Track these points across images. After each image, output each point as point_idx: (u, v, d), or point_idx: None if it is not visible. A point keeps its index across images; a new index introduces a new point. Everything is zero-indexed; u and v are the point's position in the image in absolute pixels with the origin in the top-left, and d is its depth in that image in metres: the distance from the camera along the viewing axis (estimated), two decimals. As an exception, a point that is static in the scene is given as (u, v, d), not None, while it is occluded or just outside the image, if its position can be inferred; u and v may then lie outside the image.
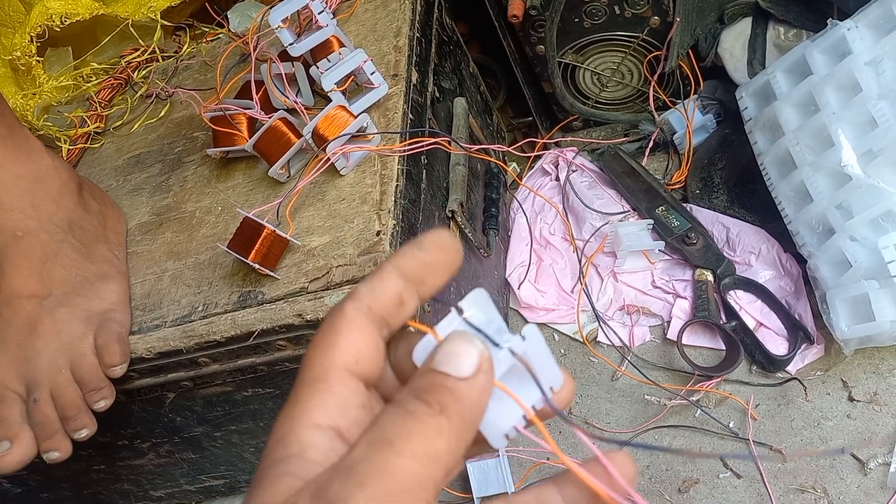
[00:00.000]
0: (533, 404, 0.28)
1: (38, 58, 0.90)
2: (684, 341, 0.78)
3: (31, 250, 0.65)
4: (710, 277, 0.82)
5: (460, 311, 0.29)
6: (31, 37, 0.88)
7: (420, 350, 0.29)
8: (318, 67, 0.69)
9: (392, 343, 0.31)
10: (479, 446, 0.29)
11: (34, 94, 0.90)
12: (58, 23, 0.88)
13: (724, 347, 0.79)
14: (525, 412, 0.28)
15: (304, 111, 0.70)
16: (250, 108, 0.71)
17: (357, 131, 0.66)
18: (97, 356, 0.62)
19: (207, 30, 0.96)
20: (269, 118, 0.68)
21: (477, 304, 0.29)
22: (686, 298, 0.83)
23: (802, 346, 0.76)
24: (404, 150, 0.66)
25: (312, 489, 0.24)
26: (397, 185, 0.64)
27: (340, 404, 0.27)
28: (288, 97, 0.71)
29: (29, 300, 0.64)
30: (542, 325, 0.89)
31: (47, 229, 0.66)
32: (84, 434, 0.63)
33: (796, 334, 0.76)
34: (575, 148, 0.99)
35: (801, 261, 0.77)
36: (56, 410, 0.62)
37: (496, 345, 0.27)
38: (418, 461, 0.24)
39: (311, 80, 0.73)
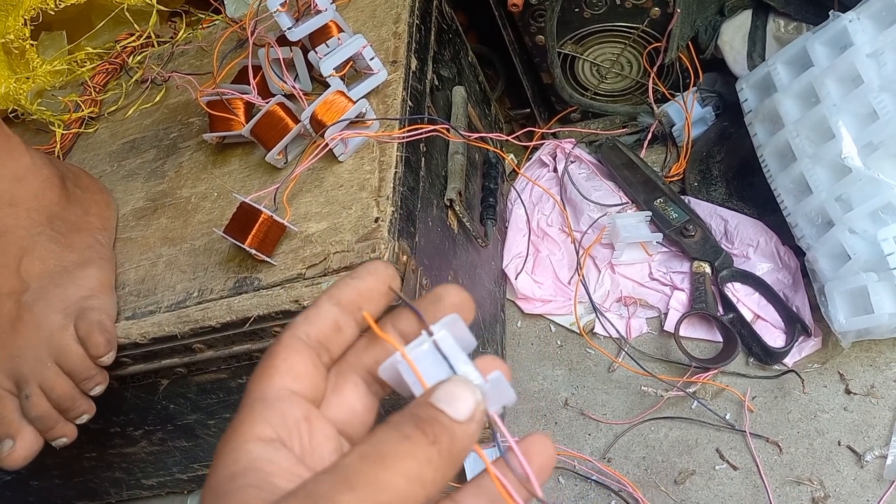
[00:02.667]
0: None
1: (31, 41, 0.89)
2: (681, 333, 0.78)
3: (7, 247, 0.64)
4: (708, 269, 0.81)
5: (430, 334, 0.30)
6: (25, 20, 0.87)
7: (387, 367, 0.30)
8: (316, 52, 0.68)
9: (363, 348, 0.33)
10: None
11: (28, 79, 0.89)
12: (52, 6, 0.87)
13: (721, 339, 0.79)
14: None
15: (302, 97, 0.69)
16: (247, 93, 0.71)
17: (356, 117, 0.65)
18: (82, 346, 0.62)
19: (204, 16, 0.95)
20: (267, 103, 0.67)
21: (448, 329, 0.30)
22: (683, 290, 0.82)
23: (800, 339, 0.75)
24: (403, 137, 0.65)
25: (297, 492, 0.25)
26: (396, 171, 0.63)
27: (281, 418, 0.28)
28: (286, 82, 0.70)
29: (8, 297, 0.63)
30: (538, 316, 0.88)
31: (24, 225, 0.66)
32: (85, 419, 0.63)
33: (794, 327, 0.76)
34: (573, 139, 0.98)
35: (800, 253, 0.77)
36: (51, 403, 0.61)
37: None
38: (407, 480, 0.25)
39: (310, 66, 0.72)
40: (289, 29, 0.67)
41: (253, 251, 0.60)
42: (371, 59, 0.68)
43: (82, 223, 0.69)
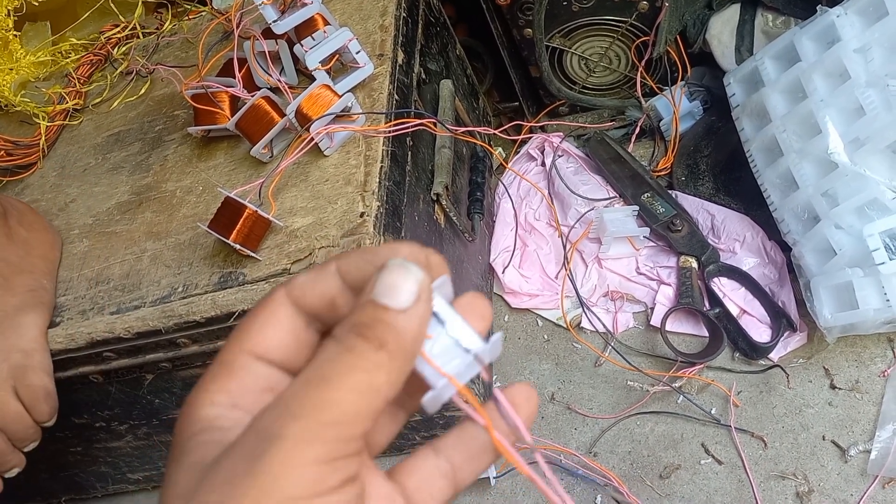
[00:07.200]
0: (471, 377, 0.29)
1: (15, 32, 0.88)
2: (668, 328, 0.78)
3: None
4: (695, 264, 0.81)
5: None
6: (9, 10, 0.86)
7: None
8: (302, 45, 0.67)
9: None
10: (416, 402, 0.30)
11: (11, 70, 0.88)
12: (36, -4, 0.86)
13: (707, 334, 0.79)
14: (467, 401, 0.28)
15: (288, 90, 0.68)
16: (233, 87, 0.70)
17: (341, 111, 0.65)
18: (27, 411, 0.61)
19: (189, 7, 0.94)
20: (252, 96, 0.67)
21: (439, 292, 0.29)
22: (670, 285, 0.82)
23: (785, 334, 0.76)
24: (389, 131, 0.65)
25: (246, 430, 0.25)
26: (382, 166, 0.63)
27: (240, 388, 0.27)
28: (271, 75, 0.70)
29: None
30: (525, 311, 0.88)
31: None
32: (15, 472, 0.63)
33: (779, 322, 0.76)
34: (561, 133, 0.98)
35: (786, 248, 0.77)
36: None
37: (462, 347, 0.28)
38: (358, 393, 0.24)
39: (295, 59, 0.72)
40: (274, 21, 0.66)
41: (238, 246, 0.59)
42: (357, 52, 0.67)
43: (25, 265, 0.67)
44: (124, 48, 0.91)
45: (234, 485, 0.23)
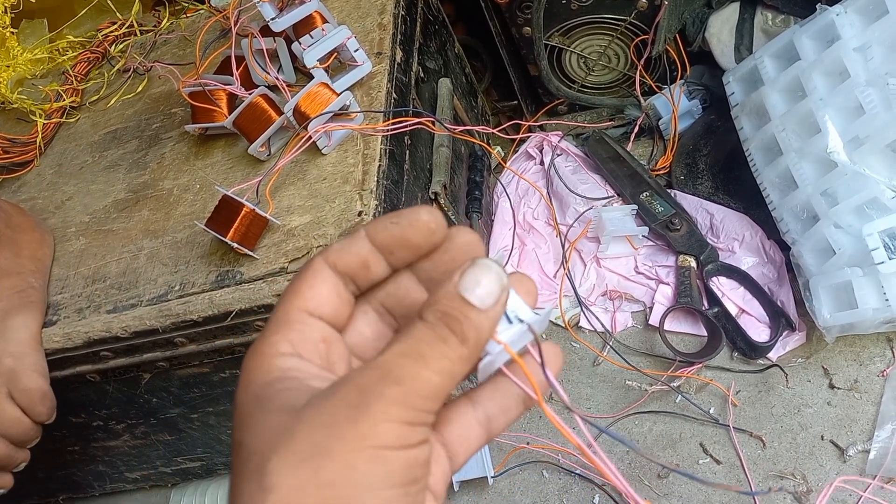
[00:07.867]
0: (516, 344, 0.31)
1: (12, 29, 0.88)
2: (666, 327, 0.78)
3: None
4: (693, 263, 0.81)
5: None
6: (6, 7, 0.86)
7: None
8: (300, 43, 0.67)
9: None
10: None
11: (8, 67, 0.88)
12: (33, -7, 0.86)
13: (705, 334, 0.79)
14: (524, 376, 0.31)
15: (286, 88, 0.68)
16: (230, 84, 0.70)
17: (339, 109, 0.65)
18: (25, 414, 0.61)
19: (187, 5, 0.94)
20: (250, 94, 0.66)
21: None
22: (669, 284, 0.82)
23: (784, 334, 0.75)
24: (387, 130, 0.65)
25: (345, 382, 0.28)
26: (380, 165, 0.63)
27: (300, 339, 0.31)
28: (269, 73, 0.69)
29: None
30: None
31: None
32: (22, 466, 0.63)
33: (778, 321, 0.76)
34: (560, 132, 0.98)
35: (785, 248, 0.77)
36: None
37: (518, 320, 0.30)
38: (441, 377, 0.28)
39: (293, 57, 0.71)
40: (272, 19, 0.66)
41: (235, 245, 0.59)
42: (355, 50, 0.67)
43: (12, 267, 0.67)
44: (122, 46, 0.90)
45: (336, 427, 0.27)
